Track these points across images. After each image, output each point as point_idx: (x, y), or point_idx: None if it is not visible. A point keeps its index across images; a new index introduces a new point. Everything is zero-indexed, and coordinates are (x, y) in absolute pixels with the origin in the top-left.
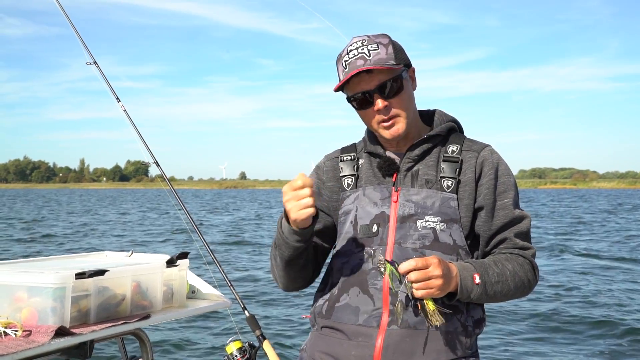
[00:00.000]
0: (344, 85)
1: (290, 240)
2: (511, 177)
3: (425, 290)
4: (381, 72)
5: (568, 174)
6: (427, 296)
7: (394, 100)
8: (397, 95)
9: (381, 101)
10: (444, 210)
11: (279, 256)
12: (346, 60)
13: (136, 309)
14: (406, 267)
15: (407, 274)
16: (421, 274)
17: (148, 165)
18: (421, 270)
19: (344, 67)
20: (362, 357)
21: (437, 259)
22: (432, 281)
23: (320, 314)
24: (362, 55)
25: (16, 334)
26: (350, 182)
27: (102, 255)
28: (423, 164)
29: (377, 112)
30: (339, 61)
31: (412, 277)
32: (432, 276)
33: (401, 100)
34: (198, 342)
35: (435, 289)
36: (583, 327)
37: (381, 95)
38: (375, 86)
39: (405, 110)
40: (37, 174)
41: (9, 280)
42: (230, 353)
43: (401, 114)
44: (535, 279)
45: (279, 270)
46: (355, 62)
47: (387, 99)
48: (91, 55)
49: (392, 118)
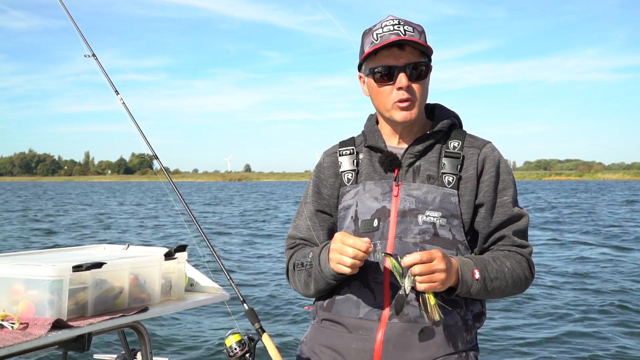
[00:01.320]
0: (369, 57)
1: (328, 279)
2: (511, 175)
3: (428, 284)
4: (412, 53)
5: (573, 166)
6: (430, 290)
7: (416, 84)
8: (420, 80)
9: (405, 79)
10: (444, 206)
11: (313, 287)
12: (379, 33)
13: (134, 301)
14: (410, 261)
15: (410, 267)
16: (425, 268)
17: (147, 157)
18: (425, 264)
19: (374, 39)
20: (363, 350)
21: (440, 253)
22: (436, 275)
23: (322, 306)
24: (397, 32)
25: (13, 327)
26: (351, 177)
27: (99, 248)
28: (425, 160)
29: (397, 89)
30: (367, 34)
31: (416, 270)
32: (435, 270)
33: (422, 86)
34: (196, 335)
35: (438, 283)
36: None
37: (407, 73)
38: (404, 63)
39: (421, 98)
40: (42, 167)
41: (5, 272)
42: (229, 346)
43: (418, 100)
44: (532, 276)
45: (306, 292)
46: (389, 36)
47: (411, 80)
48: (90, 47)
49: (409, 101)
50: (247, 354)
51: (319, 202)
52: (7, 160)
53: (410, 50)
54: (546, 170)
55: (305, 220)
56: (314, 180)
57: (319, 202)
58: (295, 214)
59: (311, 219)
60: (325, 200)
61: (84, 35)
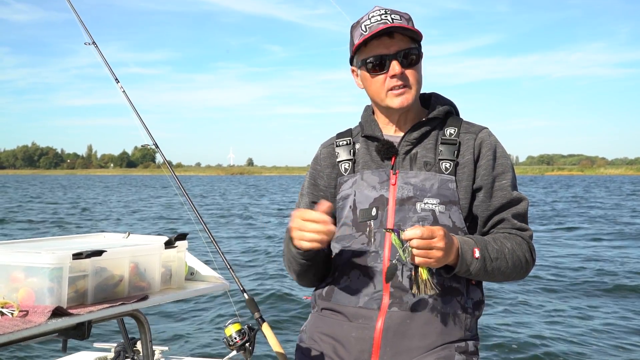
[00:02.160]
0: (359, 49)
1: (297, 258)
2: (508, 160)
3: (423, 259)
4: (402, 40)
5: (577, 161)
6: (424, 265)
7: (409, 70)
8: (413, 65)
9: (398, 66)
10: (442, 192)
11: (291, 268)
12: (367, 25)
13: (134, 290)
14: (410, 235)
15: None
16: (424, 243)
17: (149, 148)
18: (425, 240)
19: (362, 31)
20: (362, 338)
21: (443, 231)
22: (433, 252)
23: (321, 295)
24: (384, 21)
25: (13, 314)
26: (348, 167)
27: (100, 236)
28: (421, 147)
29: (390, 77)
30: (355, 27)
31: (414, 243)
32: (434, 247)
33: (415, 71)
34: (196, 324)
35: (433, 260)
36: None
37: (399, 61)
38: (395, 51)
39: (416, 83)
40: (45, 160)
41: (5, 260)
42: (229, 335)
43: (413, 86)
44: (533, 259)
45: (293, 276)
46: (377, 26)
47: (404, 67)
48: (90, 35)
49: (404, 87)
50: (247, 343)
51: (315, 194)
52: (10, 153)
53: (400, 37)
54: (549, 165)
55: None
56: (311, 173)
57: (314, 194)
58: (295, 206)
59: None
60: (322, 191)
61: (83, 23)
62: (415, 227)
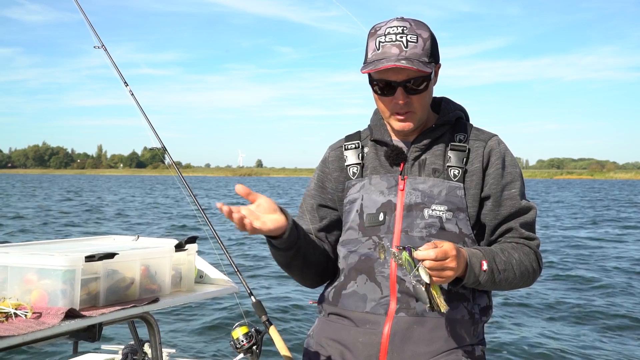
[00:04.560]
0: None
1: (273, 248)
2: (517, 168)
3: (435, 279)
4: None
5: (587, 165)
6: (436, 283)
7: (415, 97)
8: (420, 93)
9: (403, 96)
10: (450, 199)
11: (280, 263)
12: (381, 41)
13: (145, 292)
14: (424, 255)
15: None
16: (437, 264)
17: (156, 150)
18: (439, 261)
19: (376, 47)
20: (370, 344)
21: (455, 251)
22: (445, 272)
23: (327, 300)
24: (399, 44)
25: (26, 316)
26: (356, 170)
27: (110, 239)
28: (430, 153)
29: (395, 103)
30: (372, 36)
31: (427, 264)
32: (447, 268)
33: (422, 98)
34: (205, 326)
35: (445, 279)
36: None
37: (405, 90)
38: (402, 80)
39: (421, 109)
40: (55, 160)
41: (19, 262)
42: (236, 338)
43: (417, 111)
44: (540, 268)
45: (287, 272)
46: (390, 48)
47: (410, 95)
48: (99, 38)
49: (407, 113)
50: (254, 346)
51: (322, 197)
52: (21, 152)
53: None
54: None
55: (306, 213)
56: (318, 175)
57: (321, 197)
58: (298, 208)
59: (310, 212)
60: (329, 194)
61: (93, 26)
62: (428, 247)
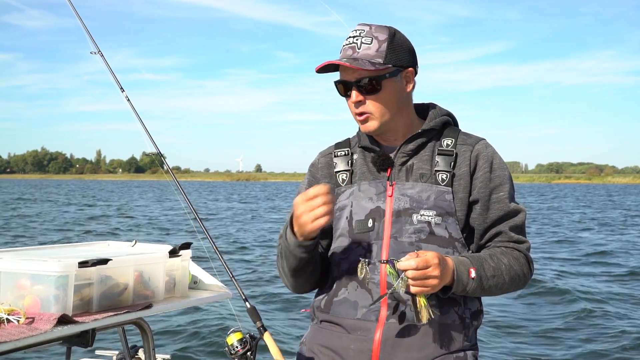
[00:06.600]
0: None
1: (296, 252)
2: (506, 171)
3: (419, 288)
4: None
5: (586, 169)
6: (421, 293)
7: (369, 98)
8: (372, 94)
9: (356, 95)
10: (439, 204)
11: (287, 266)
12: (343, 45)
13: (138, 298)
14: (405, 266)
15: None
16: (419, 274)
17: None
18: (420, 270)
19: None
20: (361, 350)
21: (437, 259)
22: (429, 281)
23: (319, 308)
24: (353, 46)
25: (19, 321)
26: (345, 177)
27: (104, 245)
28: (417, 158)
29: (352, 104)
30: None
31: (410, 274)
32: (430, 276)
33: (377, 99)
34: (199, 332)
35: (429, 288)
36: None
37: (358, 89)
38: (355, 79)
39: (379, 110)
40: (54, 165)
41: (12, 267)
42: (230, 344)
43: (375, 113)
44: (530, 272)
45: (287, 278)
46: (346, 50)
47: (362, 95)
48: (95, 44)
49: (365, 114)
50: (249, 352)
51: None
52: (20, 158)
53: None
54: (557, 174)
55: None
56: (308, 180)
57: None
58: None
59: None
60: None
61: (89, 32)
62: (409, 257)
